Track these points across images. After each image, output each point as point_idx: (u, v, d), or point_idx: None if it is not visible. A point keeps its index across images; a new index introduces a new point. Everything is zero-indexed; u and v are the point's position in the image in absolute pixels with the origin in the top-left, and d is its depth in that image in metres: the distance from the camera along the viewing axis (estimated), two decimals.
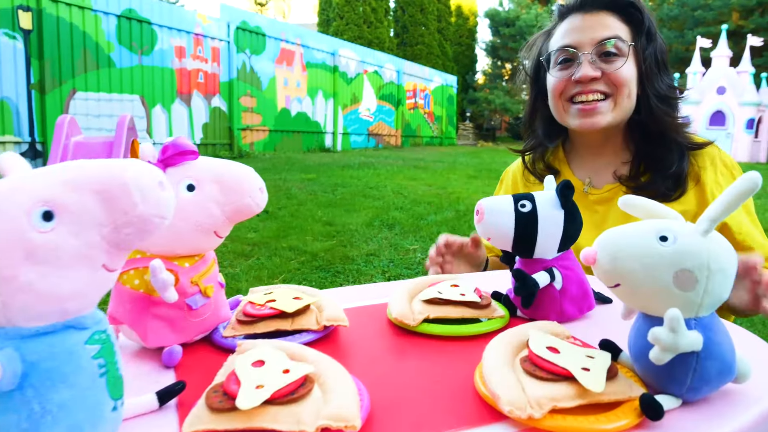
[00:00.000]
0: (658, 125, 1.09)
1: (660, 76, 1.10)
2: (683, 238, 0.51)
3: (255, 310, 0.70)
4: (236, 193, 0.65)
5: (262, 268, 3.26)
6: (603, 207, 1.14)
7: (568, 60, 1.10)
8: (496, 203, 0.76)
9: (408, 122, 16.85)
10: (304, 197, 5.47)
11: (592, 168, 1.19)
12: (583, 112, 1.08)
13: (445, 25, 25.38)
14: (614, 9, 1.08)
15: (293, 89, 11.28)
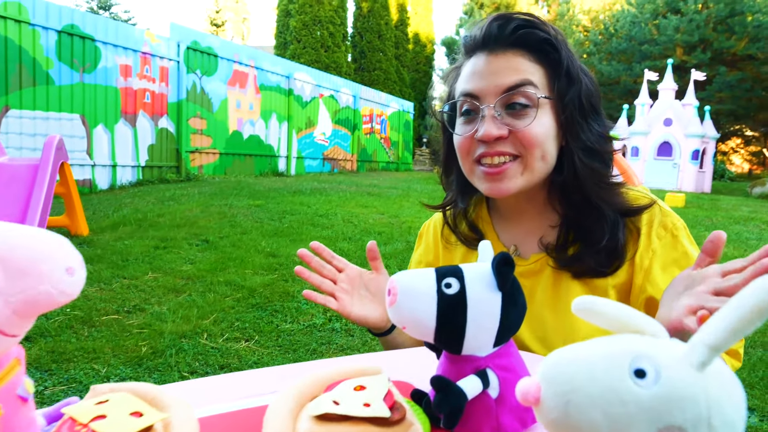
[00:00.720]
0: (583, 189, 0.87)
1: (586, 124, 0.88)
2: (669, 375, 0.34)
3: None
4: (27, 278, 0.44)
5: (192, 306, 3.00)
6: (530, 281, 0.95)
7: (471, 112, 0.90)
8: (413, 282, 0.58)
9: (364, 147, 16.76)
10: (249, 225, 5.21)
11: (518, 233, 0.99)
12: (489, 176, 0.88)
13: (402, 51, 25.66)
14: (524, 47, 0.87)
15: (246, 112, 11.02)
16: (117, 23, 8.17)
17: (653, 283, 0.84)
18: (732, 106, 24.30)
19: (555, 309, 0.91)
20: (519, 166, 0.87)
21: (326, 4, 19.84)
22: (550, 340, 0.90)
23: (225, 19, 43.67)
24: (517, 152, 0.86)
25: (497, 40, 0.88)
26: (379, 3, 23.63)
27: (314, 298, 0.96)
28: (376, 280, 1.01)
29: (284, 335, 2.74)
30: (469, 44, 0.93)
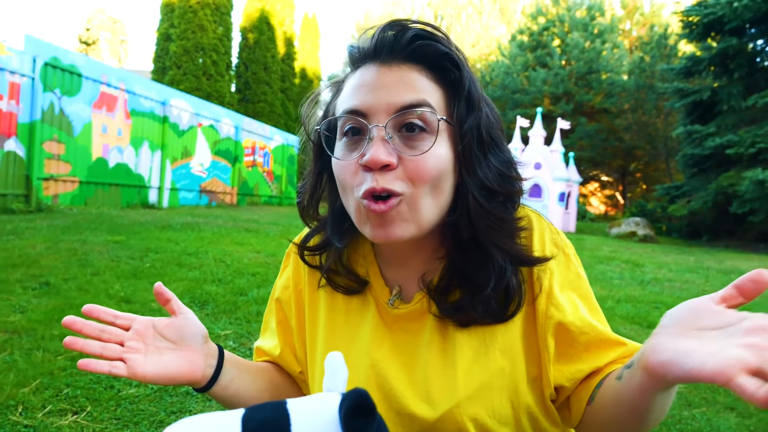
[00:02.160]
0: (474, 230, 0.73)
1: (485, 159, 0.75)
2: None
3: None
4: None
5: (9, 370, 2.46)
6: (414, 325, 0.79)
7: (357, 132, 0.72)
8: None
9: (245, 180, 16.17)
10: (103, 265, 4.61)
11: (404, 272, 0.82)
12: (375, 216, 0.70)
13: (289, 85, 25.48)
14: (422, 62, 0.73)
15: (113, 137, 10.14)
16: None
17: (558, 306, 0.75)
18: (591, 154, 26.69)
19: (442, 360, 0.75)
20: (407, 207, 0.70)
21: (210, 31, 19.22)
22: (437, 400, 0.73)
23: (97, 37, 41.11)
24: (400, 190, 0.69)
25: (392, 50, 0.73)
26: (265, 35, 23.37)
27: (93, 367, 0.70)
28: (172, 324, 0.80)
29: (126, 404, 2.31)
30: (356, 54, 0.77)
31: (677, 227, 16.53)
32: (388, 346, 0.79)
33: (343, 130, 0.74)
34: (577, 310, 0.75)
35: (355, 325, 0.84)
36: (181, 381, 0.77)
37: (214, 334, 3.24)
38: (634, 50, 29.22)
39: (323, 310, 0.87)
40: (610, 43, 27.16)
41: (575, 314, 0.75)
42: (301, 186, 0.87)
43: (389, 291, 0.82)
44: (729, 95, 14.44)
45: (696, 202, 14.05)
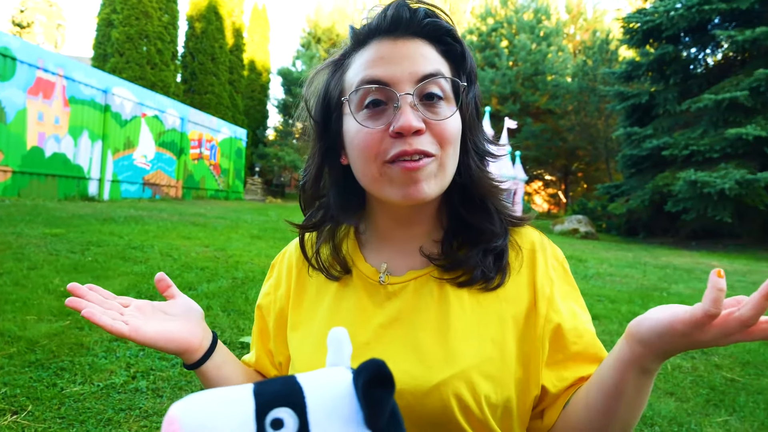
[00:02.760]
0: (479, 189, 0.80)
1: (479, 127, 0.83)
2: None
3: None
4: None
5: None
6: (407, 301, 0.80)
7: (379, 103, 0.73)
8: (210, 422, 0.32)
9: (191, 173, 15.76)
10: (41, 259, 4.39)
11: (393, 250, 0.85)
12: (408, 174, 0.72)
13: (237, 77, 24.95)
14: (429, 38, 0.77)
15: (50, 126, 9.67)
16: None
17: (558, 311, 0.78)
18: (536, 153, 27.44)
19: (438, 331, 0.77)
20: (435, 166, 0.74)
21: (155, 18, 18.57)
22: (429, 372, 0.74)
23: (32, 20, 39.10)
24: (433, 151, 0.73)
25: (408, 25, 0.75)
26: (213, 25, 22.80)
27: (96, 318, 0.70)
28: (172, 303, 0.82)
29: (70, 402, 2.21)
30: (364, 31, 0.78)
31: (616, 225, 17.20)
32: (377, 324, 0.79)
33: (364, 101, 0.74)
34: (575, 317, 0.79)
35: (339, 307, 0.83)
36: (180, 345, 0.77)
37: None
38: (578, 54, 30.22)
39: (310, 299, 0.88)
40: (556, 46, 27.96)
41: (573, 322, 0.78)
42: (305, 169, 0.87)
43: (376, 270, 0.83)
44: (665, 99, 15.14)
45: (634, 201, 14.65)
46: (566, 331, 0.76)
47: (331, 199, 0.86)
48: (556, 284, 0.81)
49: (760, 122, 12.25)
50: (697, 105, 13.30)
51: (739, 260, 10.36)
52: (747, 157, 12.43)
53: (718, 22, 14.80)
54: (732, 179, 11.52)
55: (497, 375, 0.74)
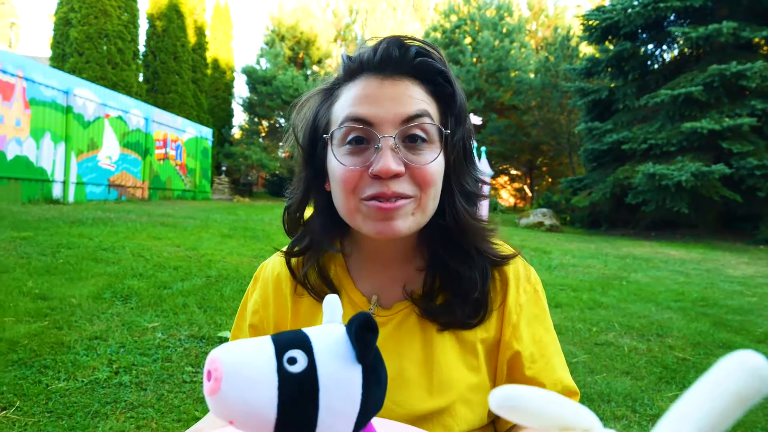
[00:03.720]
0: (462, 232, 0.82)
1: (467, 168, 0.84)
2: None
3: None
4: None
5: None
6: (393, 333, 0.85)
7: (361, 140, 0.77)
8: (243, 360, 0.44)
9: (157, 173, 15.57)
10: (12, 262, 4.38)
11: (380, 281, 0.89)
12: (383, 212, 0.76)
13: (200, 76, 24.64)
14: (419, 77, 0.79)
15: (11, 128, 9.47)
16: None
17: (519, 338, 0.83)
18: (501, 148, 27.86)
19: (423, 364, 0.82)
20: (413, 207, 0.77)
21: (114, 17, 18.22)
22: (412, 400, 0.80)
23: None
24: (412, 192, 0.76)
25: (397, 65, 0.78)
26: (175, 23, 22.47)
27: None
28: None
29: (57, 397, 2.28)
30: (355, 65, 0.81)
31: (579, 217, 17.65)
32: None
33: (346, 138, 0.77)
34: (535, 343, 0.84)
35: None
36: None
37: (141, 327, 3.20)
38: (540, 50, 30.78)
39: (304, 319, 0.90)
40: (518, 42, 28.44)
41: (531, 348, 0.83)
42: (290, 192, 0.91)
43: (367, 300, 0.88)
44: (624, 95, 15.62)
45: (596, 194, 15.08)
46: (524, 358, 0.82)
47: (315, 225, 0.88)
48: (524, 309, 0.85)
49: (714, 116, 12.76)
50: (654, 100, 13.77)
51: (696, 249, 10.82)
52: (702, 150, 12.94)
53: (674, 19, 15.34)
54: (688, 171, 11.99)
55: (476, 400, 0.81)
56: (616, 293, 5.34)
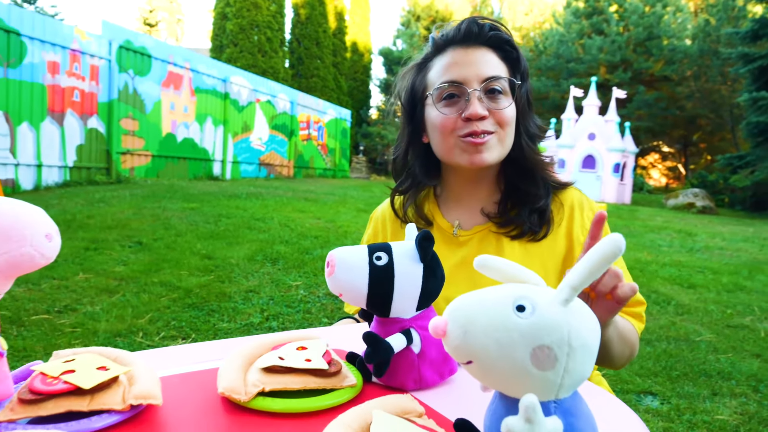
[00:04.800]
0: (528, 162, 1.08)
1: (530, 115, 1.10)
2: (542, 309, 0.45)
3: (45, 385, 0.56)
4: (11, 241, 0.51)
5: (126, 306, 2.96)
6: (473, 249, 1.10)
7: (454, 95, 1.04)
8: (348, 255, 0.68)
9: (301, 153, 16.72)
10: (184, 228, 5.14)
11: (463, 210, 1.15)
12: (474, 146, 1.02)
13: (340, 59, 25.77)
14: (493, 46, 1.06)
15: (180, 114, 10.79)
16: (45, 18, 7.85)
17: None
18: (650, 123, 25.88)
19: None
20: (495, 140, 1.04)
21: (264, 9, 19.68)
22: None
23: (159, 19, 42.36)
24: (494, 129, 1.03)
25: (476, 37, 1.04)
26: (317, 10, 23.66)
27: None
28: None
29: (221, 334, 2.76)
30: (443, 41, 1.08)
31: (740, 199, 16.04)
32: (450, 265, 1.08)
33: (442, 95, 1.04)
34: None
35: None
36: None
37: (287, 284, 3.67)
38: (700, 13, 27.91)
39: None
40: (673, 6, 26.03)
41: None
42: (395, 146, 1.20)
43: (450, 225, 1.14)
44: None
45: (761, 173, 13.63)
46: None
47: (416, 168, 1.16)
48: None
49: None
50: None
51: None
52: None
53: None
54: None
55: None
56: (764, 278, 4.95)
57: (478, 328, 0.45)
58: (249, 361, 0.67)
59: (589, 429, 0.47)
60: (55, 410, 0.54)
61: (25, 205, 0.54)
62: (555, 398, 0.46)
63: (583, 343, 0.45)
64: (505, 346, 0.44)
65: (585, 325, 0.46)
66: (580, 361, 0.45)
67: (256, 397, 0.60)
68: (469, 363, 0.46)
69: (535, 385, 0.44)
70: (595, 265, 0.45)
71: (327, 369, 0.64)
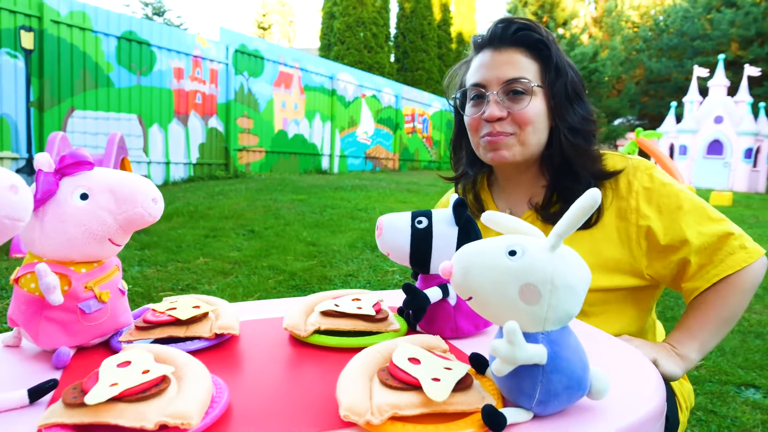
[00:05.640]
0: (565, 157, 1.10)
1: (573, 109, 1.10)
2: (530, 254, 0.53)
3: (154, 317, 0.73)
4: (128, 203, 0.67)
5: (238, 286, 3.28)
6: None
7: (479, 97, 1.11)
8: (394, 220, 0.79)
9: (406, 146, 16.96)
10: (292, 218, 5.50)
11: (512, 198, 1.21)
12: (491, 145, 1.10)
13: (445, 51, 25.72)
14: (523, 45, 1.09)
15: (291, 111, 11.39)
16: (171, 29, 8.64)
17: (645, 216, 1.04)
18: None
19: None
20: (514, 140, 1.09)
21: (369, 5, 20.14)
22: None
23: (272, 22, 44.57)
24: (513, 131, 1.08)
25: (501, 39, 1.09)
26: (422, 3, 23.77)
27: None
28: None
29: None
30: (478, 42, 1.15)
31: None
32: None
33: (471, 96, 1.13)
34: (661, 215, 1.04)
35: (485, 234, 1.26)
36: None
37: (384, 270, 3.84)
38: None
39: None
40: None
41: (657, 221, 1.04)
42: (453, 137, 1.30)
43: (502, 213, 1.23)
44: None
45: None
46: (655, 230, 1.03)
47: (465, 159, 1.27)
48: (641, 193, 1.05)
49: None
50: None
51: None
52: None
53: None
54: None
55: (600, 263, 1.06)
56: None
57: (476, 269, 0.55)
58: (311, 307, 0.80)
59: (575, 358, 0.55)
60: (160, 335, 0.71)
61: (138, 176, 0.71)
62: (542, 330, 0.54)
63: (566, 284, 0.53)
64: (497, 284, 0.53)
65: (569, 269, 0.53)
66: (563, 298, 0.53)
67: (312, 334, 0.73)
68: (470, 299, 0.56)
69: (523, 318, 0.53)
70: (575, 215, 0.53)
71: (374, 315, 0.76)
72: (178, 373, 0.54)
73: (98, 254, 0.69)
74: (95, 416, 0.48)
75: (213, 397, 0.54)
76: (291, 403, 0.56)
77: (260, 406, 0.56)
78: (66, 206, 0.65)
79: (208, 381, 0.54)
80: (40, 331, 0.66)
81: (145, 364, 0.53)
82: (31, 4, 6.57)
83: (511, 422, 0.52)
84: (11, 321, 0.68)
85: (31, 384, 0.56)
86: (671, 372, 0.96)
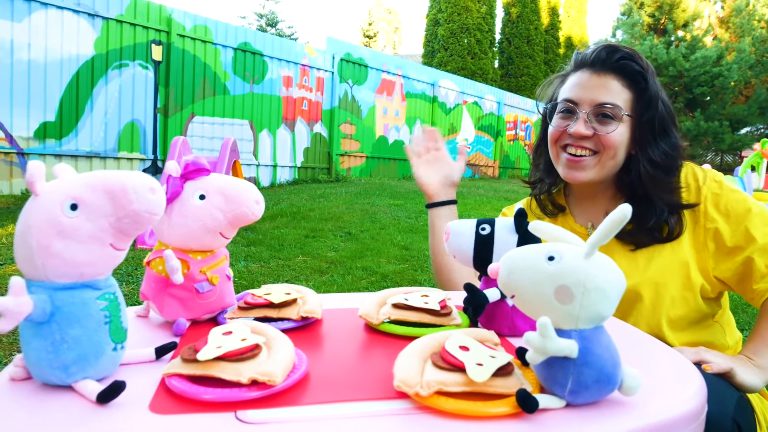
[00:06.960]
0: (642, 188, 1.15)
1: (656, 142, 1.15)
2: (566, 260, 0.61)
3: (252, 300, 0.87)
4: (236, 203, 0.82)
5: (333, 285, 3.47)
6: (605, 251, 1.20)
7: (568, 111, 1.18)
8: (460, 226, 0.88)
9: (507, 154, 16.73)
10: (388, 222, 5.67)
11: (590, 212, 1.27)
12: (570, 162, 1.16)
13: (552, 56, 25.05)
14: (621, 73, 1.14)
15: (392, 118, 11.66)
16: (282, 40, 9.18)
17: (712, 219, 1.11)
18: None
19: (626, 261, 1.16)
20: (594, 161, 1.15)
21: (474, 11, 20.09)
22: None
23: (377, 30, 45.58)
24: (596, 149, 1.15)
25: (603, 63, 1.15)
26: (529, 8, 23.34)
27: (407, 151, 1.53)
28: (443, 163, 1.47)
29: None
30: (579, 61, 1.22)
31: None
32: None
33: (561, 109, 1.20)
34: (728, 218, 1.10)
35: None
36: (423, 189, 1.43)
37: None
38: None
39: None
40: None
41: (723, 224, 1.10)
42: (535, 144, 1.37)
43: (582, 227, 1.26)
44: None
45: None
46: (722, 233, 1.09)
47: (541, 165, 1.33)
48: (709, 198, 1.12)
49: None
50: None
51: None
52: None
53: None
54: None
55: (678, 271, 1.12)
56: None
57: (518, 271, 0.63)
58: (384, 300, 0.91)
59: (606, 355, 0.61)
60: (257, 315, 0.85)
61: (245, 182, 0.85)
62: (575, 327, 0.61)
63: (597, 286, 0.60)
64: (536, 284, 0.61)
65: (601, 274, 0.60)
66: (594, 300, 0.60)
67: (383, 323, 0.84)
68: (513, 297, 0.64)
69: (558, 315, 0.60)
70: (607, 228, 0.59)
71: (439, 310, 0.85)
72: (268, 344, 0.67)
73: (211, 244, 0.84)
74: (204, 370, 0.61)
75: (295, 364, 0.66)
76: (357, 376, 0.67)
77: (332, 375, 0.67)
78: (188, 204, 0.81)
79: (291, 351, 0.66)
80: (164, 304, 0.82)
81: (244, 334, 0.67)
82: (161, 19, 7.28)
83: (543, 406, 0.59)
84: (143, 295, 0.85)
85: (157, 344, 0.71)
86: (750, 383, 0.95)
